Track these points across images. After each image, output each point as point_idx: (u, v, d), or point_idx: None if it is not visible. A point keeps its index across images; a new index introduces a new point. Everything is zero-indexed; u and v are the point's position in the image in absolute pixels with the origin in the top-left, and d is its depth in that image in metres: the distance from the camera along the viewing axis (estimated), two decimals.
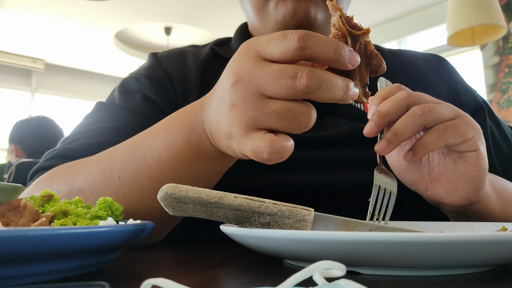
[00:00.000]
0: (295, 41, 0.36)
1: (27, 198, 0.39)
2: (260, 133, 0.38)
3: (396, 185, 0.48)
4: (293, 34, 0.36)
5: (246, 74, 0.38)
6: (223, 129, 0.40)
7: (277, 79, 0.36)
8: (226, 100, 0.39)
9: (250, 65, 0.38)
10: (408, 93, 0.48)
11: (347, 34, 0.38)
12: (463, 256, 0.30)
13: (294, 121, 0.37)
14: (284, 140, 0.37)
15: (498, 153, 0.72)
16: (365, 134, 0.47)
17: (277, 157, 0.37)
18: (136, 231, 0.34)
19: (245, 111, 0.38)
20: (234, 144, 0.40)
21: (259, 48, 0.38)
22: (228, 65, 0.41)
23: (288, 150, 0.38)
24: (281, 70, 0.36)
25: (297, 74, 0.36)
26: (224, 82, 0.40)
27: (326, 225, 0.39)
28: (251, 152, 0.38)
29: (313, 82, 0.35)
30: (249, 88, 0.37)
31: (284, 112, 0.37)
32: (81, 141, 0.64)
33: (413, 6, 4.06)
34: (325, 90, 0.36)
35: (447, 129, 0.46)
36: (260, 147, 0.37)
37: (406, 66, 0.77)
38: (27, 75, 5.40)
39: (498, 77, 3.51)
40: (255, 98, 0.37)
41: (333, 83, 0.36)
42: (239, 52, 0.40)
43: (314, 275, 0.21)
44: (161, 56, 0.77)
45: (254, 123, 0.38)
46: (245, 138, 0.38)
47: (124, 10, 4.01)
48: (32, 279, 0.28)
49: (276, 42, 0.37)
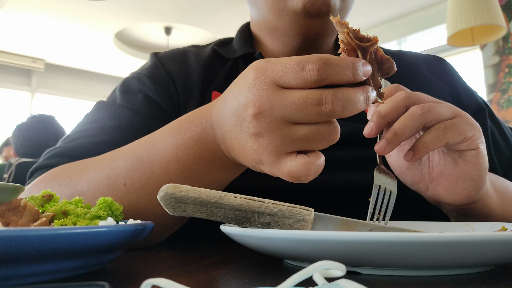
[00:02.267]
0: (315, 74, 0.36)
1: (27, 198, 0.39)
2: (292, 157, 0.38)
3: (396, 185, 0.48)
4: (310, 65, 0.36)
5: (267, 105, 0.37)
6: (250, 156, 0.40)
7: (302, 108, 0.36)
8: (248, 129, 0.39)
9: (270, 95, 0.37)
10: (407, 93, 0.48)
11: (356, 48, 0.39)
12: (463, 256, 0.30)
13: (322, 141, 0.38)
14: (317, 159, 0.38)
15: (499, 154, 0.72)
16: (365, 134, 0.47)
17: (314, 175, 0.38)
18: (136, 231, 0.34)
19: (272, 140, 0.38)
20: (265, 169, 0.40)
21: (275, 77, 0.37)
22: (242, 92, 0.40)
23: (322, 165, 0.39)
24: (305, 99, 0.36)
25: (321, 100, 0.36)
26: (241, 111, 0.39)
27: (326, 225, 0.39)
28: (288, 177, 0.38)
29: (339, 105, 0.36)
30: (273, 118, 0.37)
31: (313, 136, 0.38)
32: (81, 140, 0.64)
33: (413, 6, 4.06)
34: (350, 109, 0.37)
35: (447, 128, 0.46)
36: (297, 171, 0.38)
37: (406, 67, 0.77)
38: (27, 75, 5.41)
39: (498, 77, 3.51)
40: (281, 126, 0.37)
41: (356, 100, 0.37)
42: (252, 79, 0.39)
43: (314, 275, 0.21)
44: (163, 56, 0.77)
45: (284, 149, 0.38)
46: (277, 164, 0.39)
47: (124, 10, 4.01)
48: (32, 279, 0.28)
49: (294, 74, 0.36)
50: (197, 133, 0.47)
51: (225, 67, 0.74)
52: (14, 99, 5.39)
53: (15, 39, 4.69)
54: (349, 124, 0.66)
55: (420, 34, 4.21)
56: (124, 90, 0.71)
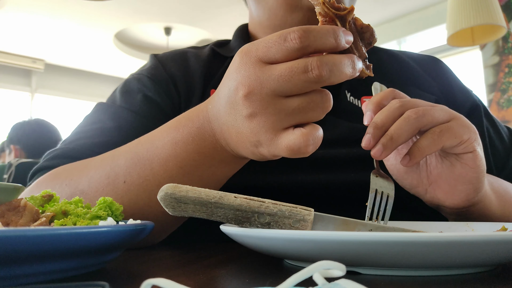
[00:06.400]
0: (297, 42, 0.36)
1: (27, 198, 0.39)
2: (289, 132, 0.38)
3: (394, 188, 0.48)
4: (291, 34, 0.36)
5: (256, 82, 0.38)
6: (247, 139, 0.40)
7: (290, 78, 0.37)
8: (242, 112, 0.39)
9: (257, 72, 0.38)
10: (401, 101, 0.48)
11: (334, 17, 0.39)
12: (463, 256, 0.30)
13: (316, 110, 0.38)
14: (314, 130, 0.38)
15: (494, 153, 0.72)
16: (363, 147, 0.47)
17: (314, 147, 0.38)
18: (136, 231, 0.34)
19: (267, 117, 0.38)
20: (264, 150, 0.40)
21: (260, 54, 0.38)
22: (230, 77, 0.40)
23: (320, 137, 0.39)
24: (291, 68, 0.37)
25: (307, 67, 0.36)
26: (233, 95, 0.40)
27: (326, 225, 0.39)
28: (288, 152, 0.38)
29: (325, 70, 0.36)
30: (264, 94, 0.38)
31: (306, 106, 0.38)
32: (82, 141, 0.64)
33: (413, 6, 4.06)
34: (337, 73, 0.37)
35: (443, 132, 0.46)
36: (296, 144, 0.38)
37: (401, 66, 0.77)
38: (27, 75, 5.40)
39: (498, 77, 3.51)
40: (273, 101, 0.38)
41: (342, 64, 0.37)
42: (238, 62, 0.40)
43: (314, 275, 0.21)
44: (162, 57, 0.77)
45: (280, 125, 0.38)
46: (275, 141, 0.39)
47: (124, 10, 4.01)
48: (32, 279, 0.28)
49: (277, 46, 0.37)
50: (195, 129, 0.47)
51: (223, 66, 0.74)
52: (14, 99, 5.39)
53: (15, 39, 4.69)
54: (348, 123, 0.66)
55: (420, 34, 4.21)
56: (124, 91, 0.72)
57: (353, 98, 0.70)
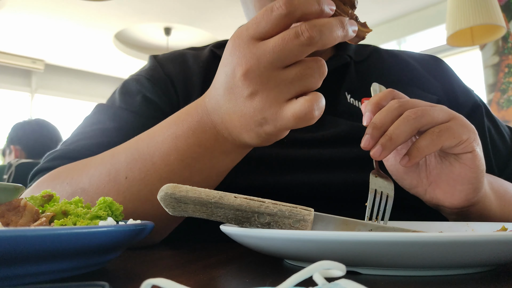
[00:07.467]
0: (283, 8, 0.37)
1: (27, 198, 0.39)
2: (292, 102, 0.39)
3: (393, 188, 0.48)
4: (276, 4, 0.38)
5: (252, 59, 0.39)
6: (252, 119, 0.41)
7: (283, 46, 0.38)
8: (243, 93, 0.40)
9: (252, 50, 0.39)
10: (400, 102, 0.48)
11: None
12: (463, 256, 0.30)
13: (314, 76, 0.39)
14: (317, 96, 0.40)
15: (495, 152, 0.72)
16: (363, 147, 0.47)
17: (319, 112, 0.40)
18: (136, 231, 0.34)
19: (268, 91, 0.39)
20: (270, 127, 0.41)
21: (251, 32, 0.39)
22: (226, 62, 0.41)
23: (324, 104, 0.40)
24: (283, 37, 0.38)
25: (298, 32, 0.37)
26: (231, 79, 0.41)
27: (326, 225, 0.39)
28: (295, 120, 0.39)
29: (315, 31, 0.37)
30: (262, 69, 0.39)
31: (304, 73, 0.39)
32: (82, 142, 0.64)
33: (413, 6, 4.06)
34: (327, 34, 0.38)
35: (441, 132, 0.46)
36: (302, 110, 0.39)
37: (402, 66, 0.77)
38: (27, 76, 5.40)
39: (498, 77, 3.51)
40: (272, 74, 0.39)
41: (331, 25, 0.38)
42: (231, 46, 0.41)
43: (314, 275, 0.21)
44: (161, 58, 0.77)
45: (282, 96, 0.39)
46: (281, 113, 0.40)
47: (124, 11, 4.01)
48: (32, 279, 0.28)
49: (266, 19, 0.38)
50: (194, 123, 0.47)
51: None
52: (14, 100, 5.39)
53: (15, 39, 4.69)
54: (348, 123, 0.66)
55: (420, 34, 4.21)
56: (123, 92, 0.72)
57: (354, 99, 0.70)
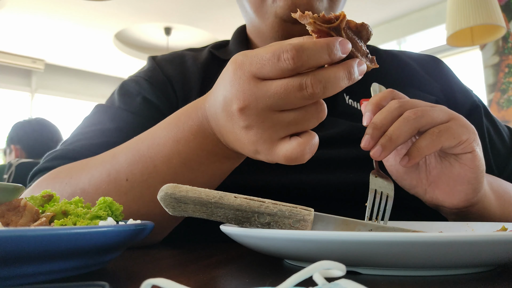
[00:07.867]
0: (291, 63, 0.36)
1: (27, 198, 0.39)
2: (285, 141, 0.39)
3: (393, 188, 0.48)
4: (285, 54, 0.36)
5: (251, 98, 0.38)
6: (246, 147, 0.41)
7: (285, 96, 0.37)
8: (239, 123, 0.40)
9: (252, 88, 0.38)
10: (400, 102, 0.48)
11: (329, 31, 0.38)
12: (463, 256, 0.30)
13: (312, 120, 0.39)
14: (310, 138, 0.39)
15: (494, 153, 0.72)
16: (363, 147, 0.47)
17: (310, 155, 0.40)
18: (136, 231, 0.34)
19: (263, 130, 0.39)
20: (262, 157, 0.41)
21: (254, 70, 0.38)
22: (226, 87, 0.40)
23: (316, 144, 0.40)
24: (286, 86, 0.37)
25: (302, 85, 0.37)
26: (228, 107, 0.40)
27: (326, 225, 0.39)
28: (286, 160, 0.39)
29: (319, 87, 0.37)
30: (260, 109, 0.38)
31: (302, 118, 0.39)
32: (81, 142, 0.64)
33: (413, 6, 4.06)
34: (331, 88, 0.37)
35: (441, 132, 0.46)
36: (293, 153, 0.39)
37: (401, 67, 0.77)
38: (27, 76, 5.40)
39: (498, 77, 3.51)
40: (269, 115, 0.38)
41: (336, 79, 0.37)
42: (232, 74, 0.39)
43: (314, 275, 0.21)
44: (160, 59, 0.77)
45: (277, 136, 0.39)
46: (273, 151, 0.40)
47: (124, 10, 4.01)
48: (32, 279, 0.28)
49: (271, 65, 0.37)
50: (195, 127, 0.47)
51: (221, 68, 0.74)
52: (14, 99, 5.39)
53: (15, 39, 4.69)
54: (348, 123, 0.66)
55: (420, 34, 4.21)
56: (122, 93, 0.72)
57: (352, 100, 0.70)
